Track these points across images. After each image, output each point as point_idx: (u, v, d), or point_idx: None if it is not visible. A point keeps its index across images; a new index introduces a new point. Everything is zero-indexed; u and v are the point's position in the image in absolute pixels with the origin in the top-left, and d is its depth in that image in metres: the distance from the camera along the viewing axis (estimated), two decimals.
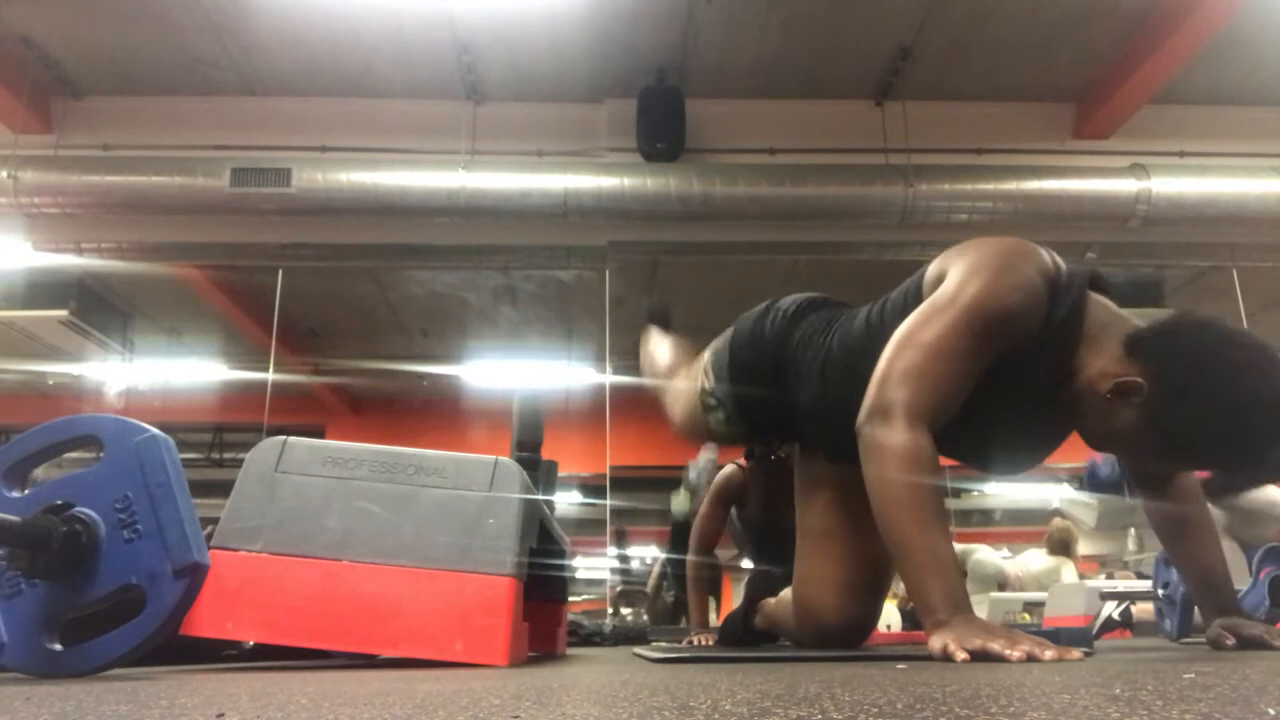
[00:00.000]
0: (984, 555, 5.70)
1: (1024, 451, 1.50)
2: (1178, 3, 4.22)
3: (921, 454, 1.22)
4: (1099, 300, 1.34)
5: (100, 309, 6.05)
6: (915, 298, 1.42)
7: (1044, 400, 1.35)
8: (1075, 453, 1.58)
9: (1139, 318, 1.30)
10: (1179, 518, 1.49)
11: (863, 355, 1.44)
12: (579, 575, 9.51)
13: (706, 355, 1.90)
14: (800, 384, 1.69)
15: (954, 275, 1.32)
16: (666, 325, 2.55)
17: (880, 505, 1.23)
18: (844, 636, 1.72)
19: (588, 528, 7.96)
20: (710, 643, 2.50)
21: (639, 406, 6.56)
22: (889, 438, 1.23)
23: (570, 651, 2.42)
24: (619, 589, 7.18)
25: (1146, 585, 3.12)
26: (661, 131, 4.82)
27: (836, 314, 1.71)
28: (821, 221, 4.84)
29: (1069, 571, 5.06)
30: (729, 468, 3.22)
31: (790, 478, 1.91)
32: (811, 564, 1.77)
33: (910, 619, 5.29)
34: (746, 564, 3.60)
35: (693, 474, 4.02)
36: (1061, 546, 5.24)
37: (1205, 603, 1.47)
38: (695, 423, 1.95)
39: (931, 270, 1.42)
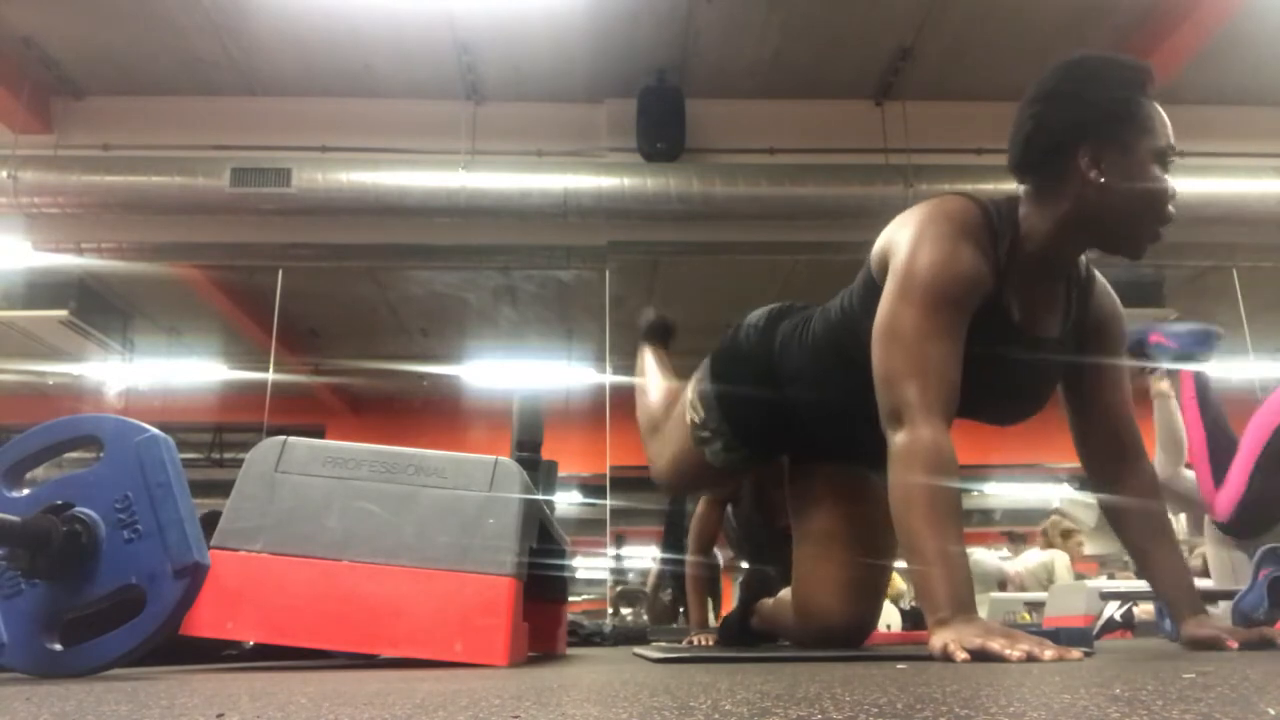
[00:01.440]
0: (981, 555, 5.72)
1: (1028, 394, 1.51)
2: (1178, 3, 4.22)
3: (940, 452, 1.23)
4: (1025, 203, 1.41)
5: (100, 309, 6.05)
6: (868, 275, 1.48)
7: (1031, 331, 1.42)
8: (1074, 454, 1.58)
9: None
10: (1140, 515, 1.46)
11: (848, 333, 1.50)
12: (579, 575, 9.52)
13: (688, 394, 1.91)
14: (793, 382, 1.70)
15: (899, 254, 1.36)
16: (665, 341, 2.44)
17: (896, 503, 1.24)
18: (844, 637, 1.72)
19: (588, 528, 7.96)
20: (710, 643, 2.50)
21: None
22: (910, 438, 1.25)
23: (570, 651, 2.42)
24: (619, 589, 7.18)
25: (1146, 585, 3.11)
26: (661, 131, 4.82)
27: (809, 313, 1.73)
28: (821, 221, 4.84)
29: (1062, 561, 5.08)
30: None
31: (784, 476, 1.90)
32: (811, 565, 1.77)
33: (910, 619, 5.29)
34: (744, 564, 3.60)
35: None
36: (1057, 540, 5.26)
37: (1177, 604, 1.43)
38: (688, 465, 1.94)
39: (875, 248, 1.45)
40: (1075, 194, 1.32)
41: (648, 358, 2.38)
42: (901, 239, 1.36)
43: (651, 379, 2.31)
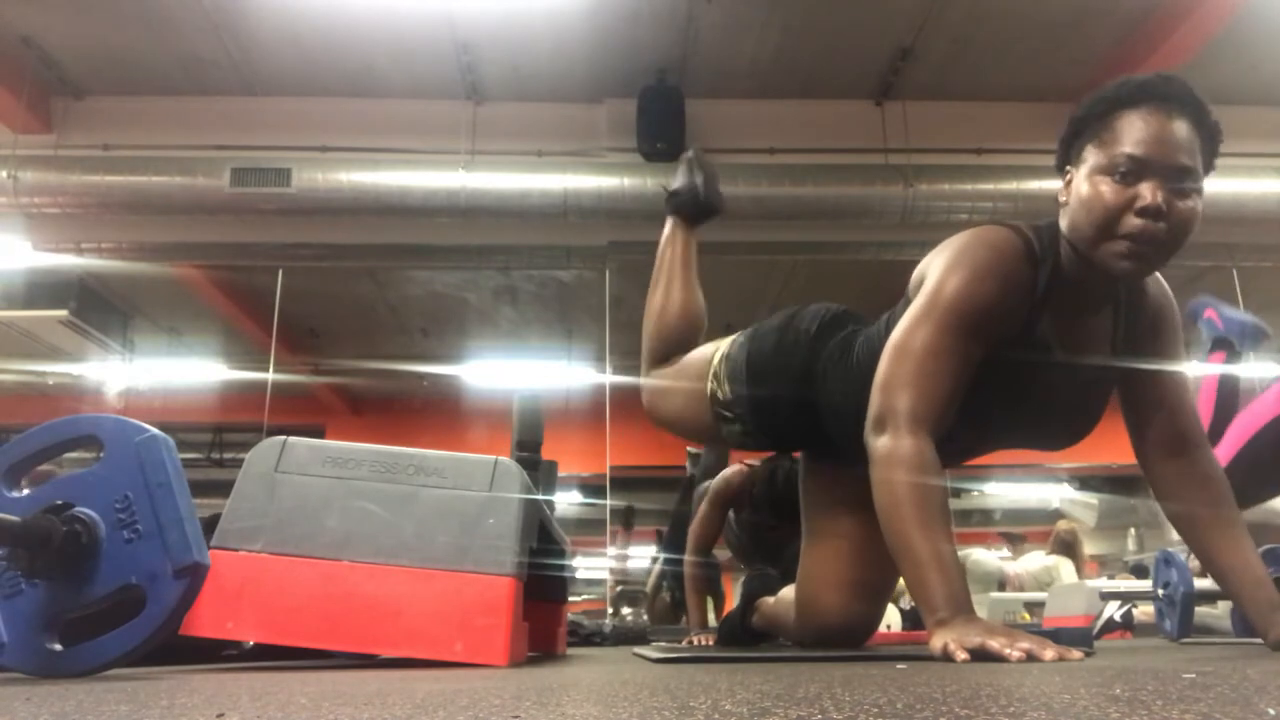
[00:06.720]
0: (981, 555, 5.71)
1: (1075, 419, 1.50)
2: (1177, 3, 4.22)
3: (924, 458, 1.24)
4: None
5: (100, 309, 6.05)
6: (907, 303, 1.44)
7: (1080, 348, 1.40)
8: (1074, 454, 1.57)
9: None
10: (1200, 509, 1.39)
11: None
12: (579, 575, 9.50)
13: (716, 359, 1.82)
14: (830, 401, 1.66)
15: (931, 277, 1.36)
16: (699, 221, 2.12)
17: (884, 508, 1.24)
18: (847, 636, 1.72)
19: (588, 528, 7.96)
20: (710, 643, 2.51)
21: (639, 406, 6.56)
22: (892, 444, 1.26)
23: (570, 651, 2.42)
24: (619, 588, 7.18)
25: (1146, 585, 3.11)
26: (661, 131, 4.82)
27: (859, 326, 1.70)
28: (821, 221, 4.84)
29: (1067, 569, 5.07)
30: (730, 470, 3.21)
31: (793, 484, 1.90)
32: (817, 563, 1.77)
33: (910, 619, 5.29)
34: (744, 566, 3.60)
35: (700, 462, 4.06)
36: (1064, 547, 5.24)
37: (1254, 602, 1.31)
38: (696, 425, 1.90)
39: (915, 273, 1.44)
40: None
41: (675, 246, 2.09)
42: (936, 265, 1.36)
43: (676, 279, 2.06)
